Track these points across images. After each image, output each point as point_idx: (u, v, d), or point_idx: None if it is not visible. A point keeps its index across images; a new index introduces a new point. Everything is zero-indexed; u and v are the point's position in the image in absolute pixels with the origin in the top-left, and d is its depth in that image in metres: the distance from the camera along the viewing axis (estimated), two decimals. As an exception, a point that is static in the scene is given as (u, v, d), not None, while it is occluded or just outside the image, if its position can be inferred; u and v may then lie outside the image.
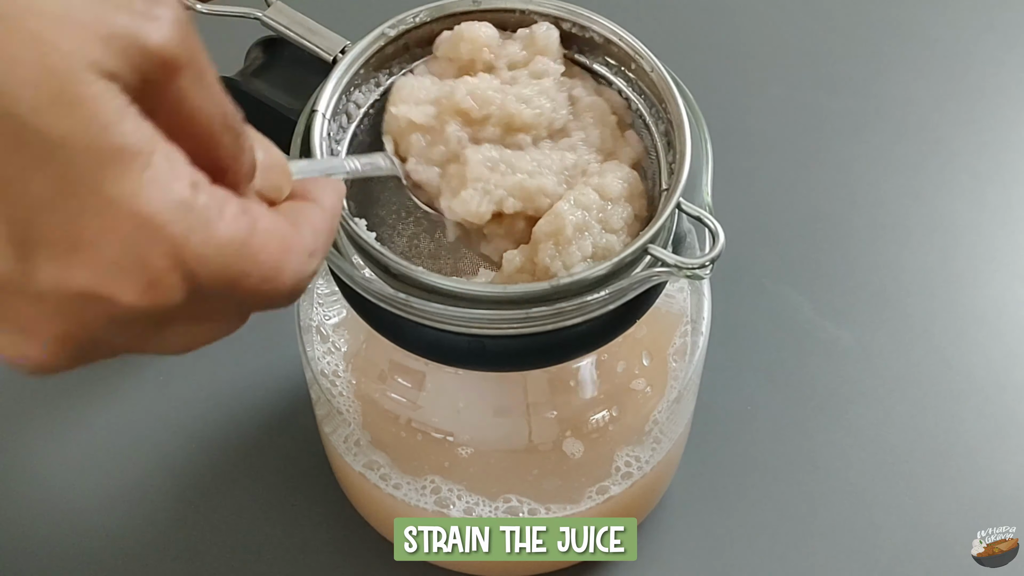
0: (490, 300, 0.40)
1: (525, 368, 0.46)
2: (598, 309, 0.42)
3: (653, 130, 0.46)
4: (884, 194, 0.72)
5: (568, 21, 0.47)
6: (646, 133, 0.46)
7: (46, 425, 0.61)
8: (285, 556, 0.57)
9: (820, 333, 0.65)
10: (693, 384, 0.52)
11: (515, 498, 0.50)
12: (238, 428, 0.61)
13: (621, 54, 0.46)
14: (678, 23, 0.81)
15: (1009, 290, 0.67)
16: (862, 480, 0.59)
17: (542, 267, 0.42)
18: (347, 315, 0.51)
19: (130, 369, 0.63)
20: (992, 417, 0.61)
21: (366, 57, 0.46)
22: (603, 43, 0.47)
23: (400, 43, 0.47)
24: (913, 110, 0.76)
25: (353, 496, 0.56)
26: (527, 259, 0.43)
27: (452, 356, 0.44)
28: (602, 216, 0.43)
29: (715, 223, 0.42)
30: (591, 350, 0.45)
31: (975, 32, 0.81)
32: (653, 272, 0.41)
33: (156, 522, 0.58)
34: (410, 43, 0.47)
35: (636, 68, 0.46)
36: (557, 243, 0.42)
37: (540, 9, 0.47)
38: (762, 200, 0.70)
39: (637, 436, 0.50)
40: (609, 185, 0.43)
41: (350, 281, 0.43)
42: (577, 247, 0.42)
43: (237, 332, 0.66)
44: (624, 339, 0.45)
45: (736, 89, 0.75)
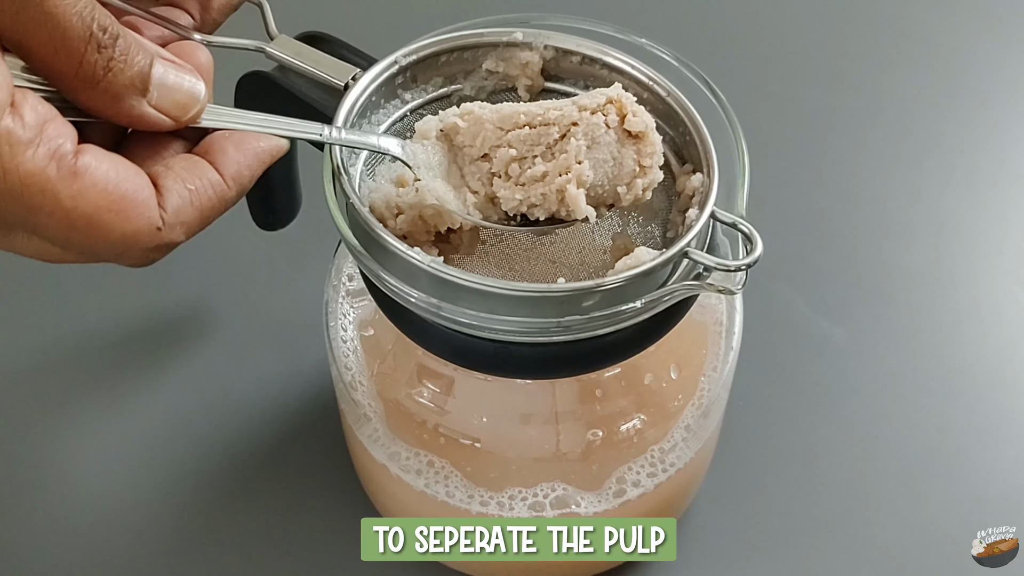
0: (529, 299, 0.41)
1: (554, 376, 0.46)
2: (631, 319, 0.42)
3: (663, 148, 0.46)
4: (880, 191, 0.72)
5: (577, 54, 0.48)
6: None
7: (70, 430, 0.61)
8: (307, 557, 0.57)
9: (814, 329, 0.65)
10: (722, 395, 0.52)
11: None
12: (262, 431, 0.61)
13: (631, 83, 0.47)
14: (677, 22, 0.81)
15: (1004, 287, 0.67)
16: (857, 478, 0.60)
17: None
18: (376, 316, 0.51)
19: (152, 373, 0.64)
20: (992, 416, 0.62)
21: (380, 82, 0.46)
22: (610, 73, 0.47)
23: (412, 72, 0.47)
24: (910, 108, 0.77)
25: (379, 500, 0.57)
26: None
27: (481, 362, 0.45)
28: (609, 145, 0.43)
29: (751, 228, 0.42)
30: (622, 359, 0.45)
31: (974, 31, 0.81)
32: (686, 284, 0.42)
33: (177, 525, 0.58)
34: (418, 73, 0.48)
35: (649, 96, 0.46)
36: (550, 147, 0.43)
37: (549, 42, 0.47)
38: (757, 196, 0.70)
39: (664, 445, 0.50)
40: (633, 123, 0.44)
41: (378, 282, 0.43)
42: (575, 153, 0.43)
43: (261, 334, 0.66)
44: (656, 347, 0.45)
45: (734, 86, 0.75)
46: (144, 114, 0.38)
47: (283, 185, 0.59)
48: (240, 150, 0.41)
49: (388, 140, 0.45)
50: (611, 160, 0.44)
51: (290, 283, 0.67)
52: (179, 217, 0.38)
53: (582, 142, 0.43)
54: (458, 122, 0.44)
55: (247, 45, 0.47)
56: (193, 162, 0.40)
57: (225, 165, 0.40)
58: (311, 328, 0.59)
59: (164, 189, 0.38)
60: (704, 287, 0.42)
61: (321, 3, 0.81)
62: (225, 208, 0.40)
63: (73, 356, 0.64)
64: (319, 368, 0.63)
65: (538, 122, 0.43)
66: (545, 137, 0.43)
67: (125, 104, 0.37)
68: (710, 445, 0.55)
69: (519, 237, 0.47)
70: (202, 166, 0.40)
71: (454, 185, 0.45)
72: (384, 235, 0.42)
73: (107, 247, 0.37)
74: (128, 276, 0.67)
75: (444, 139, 0.45)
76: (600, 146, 0.43)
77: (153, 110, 0.38)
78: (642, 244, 0.45)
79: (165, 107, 0.38)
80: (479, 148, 0.44)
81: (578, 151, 0.43)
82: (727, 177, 0.44)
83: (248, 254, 0.68)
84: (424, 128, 0.45)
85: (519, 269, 0.46)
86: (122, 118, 0.38)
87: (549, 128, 0.43)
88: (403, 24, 0.80)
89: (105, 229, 0.36)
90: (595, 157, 0.43)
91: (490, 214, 0.45)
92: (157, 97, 0.38)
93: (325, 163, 0.44)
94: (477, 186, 0.44)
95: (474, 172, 0.44)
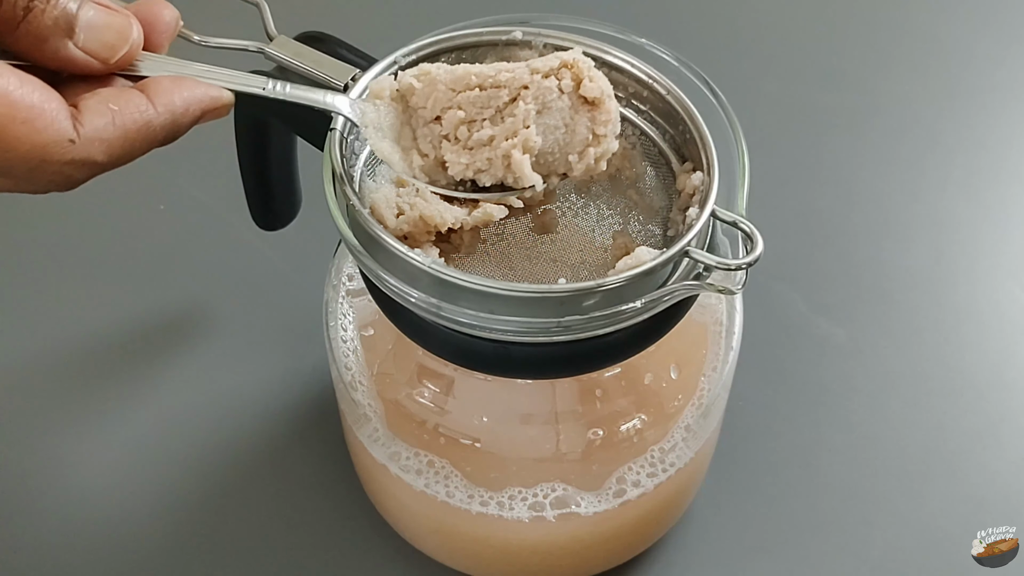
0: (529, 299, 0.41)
1: (554, 376, 0.46)
2: (631, 319, 0.42)
3: (663, 146, 0.46)
4: (879, 190, 0.72)
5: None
6: (652, 149, 0.47)
7: (70, 430, 0.62)
8: (308, 558, 0.57)
9: (813, 329, 0.65)
10: (722, 395, 0.52)
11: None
12: (262, 431, 0.61)
13: (632, 81, 0.47)
14: (677, 22, 0.81)
15: (1004, 287, 0.67)
16: (857, 478, 0.60)
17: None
18: (376, 316, 0.51)
19: (152, 372, 0.64)
20: (992, 416, 0.62)
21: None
22: (610, 71, 0.47)
23: None
24: (910, 107, 0.77)
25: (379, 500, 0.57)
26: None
27: (481, 362, 0.45)
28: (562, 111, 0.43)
29: (751, 227, 0.42)
30: (622, 359, 0.45)
31: (974, 31, 0.81)
32: (686, 284, 0.42)
33: (177, 525, 0.58)
34: None
35: (649, 95, 0.46)
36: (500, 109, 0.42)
37: (549, 40, 0.47)
38: (757, 196, 0.70)
39: (664, 445, 0.50)
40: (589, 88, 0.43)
41: (378, 282, 0.43)
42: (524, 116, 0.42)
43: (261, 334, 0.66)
44: (656, 347, 0.45)
45: (734, 86, 0.75)
46: (71, 56, 0.39)
47: (283, 185, 0.59)
48: (177, 84, 0.41)
49: (336, 97, 0.44)
50: (563, 127, 0.43)
51: (290, 283, 0.67)
52: (98, 133, 0.38)
53: (531, 106, 0.42)
54: (413, 82, 0.43)
55: (246, 46, 0.47)
56: (122, 90, 0.40)
57: (157, 94, 0.40)
58: (311, 328, 0.59)
59: (84, 107, 0.38)
60: (704, 287, 0.42)
61: (321, 3, 0.81)
62: (151, 134, 0.40)
63: (72, 356, 0.64)
64: (319, 368, 0.63)
65: (489, 84, 0.43)
66: (495, 100, 0.42)
67: (50, 45, 0.38)
68: (710, 445, 0.55)
69: (519, 237, 0.47)
70: (131, 92, 0.40)
71: (404, 148, 0.44)
72: (384, 236, 0.42)
73: (19, 160, 0.37)
74: (128, 276, 0.67)
75: (400, 100, 0.44)
76: (552, 112, 0.43)
77: (80, 51, 0.39)
78: (642, 243, 0.45)
79: (92, 48, 0.39)
80: (431, 110, 0.43)
81: (527, 115, 0.42)
82: (727, 177, 0.44)
83: (248, 254, 0.68)
84: (377, 88, 0.44)
85: (519, 269, 0.46)
86: (48, 60, 0.39)
87: (499, 91, 0.42)
88: (403, 24, 0.80)
89: (13, 139, 0.36)
90: (545, 123, 0.43)
91: (438, 179, 0.44)
92: (84, 39, 0.39)
93: (325, 163, 0.44)
94: (428, 149, 0.44)
95: (426, 135, 0.44)
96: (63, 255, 0.69)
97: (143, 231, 0.70)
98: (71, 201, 0.70)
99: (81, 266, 0.68)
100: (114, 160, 0.39)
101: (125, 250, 0.69)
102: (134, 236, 0.70)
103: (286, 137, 0.56)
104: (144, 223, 0.70)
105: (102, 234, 0.70)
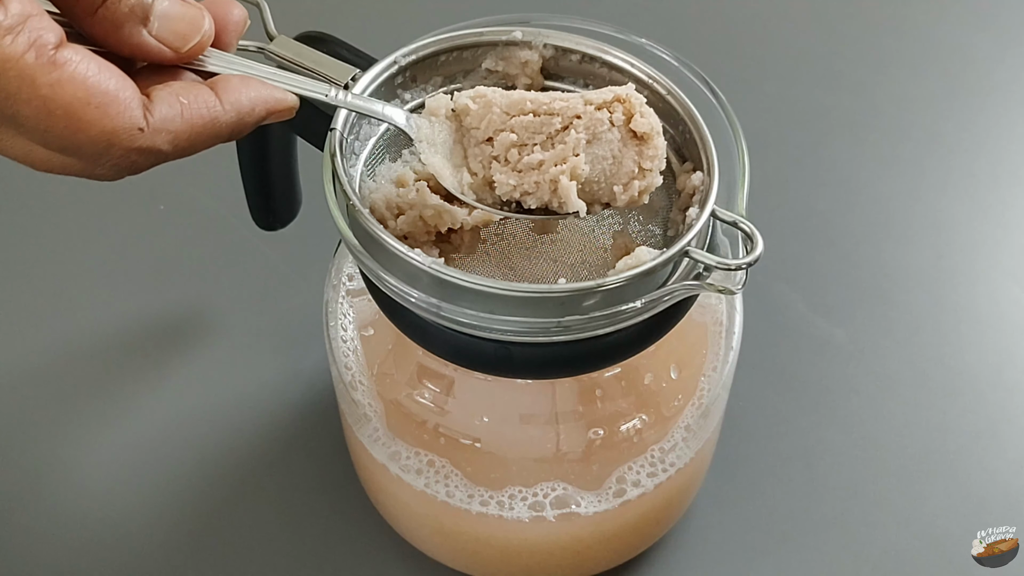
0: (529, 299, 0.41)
1: (554, 376, 0.46)
2: (631, 319, 0.42)
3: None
4: (879, 191, 0.72)
5: (576, 52, 0.48)
6: None
7: (70, 431, 0.62)
8: (308, 558, 0.57)
9: (813, 330, 0.65)
10: (722, 395, 0.52)
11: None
12: (262, 432, 0.61)
13: (632, 81, 0.47)
14: (677, 22, 0.81)
15: (1004, 288, 0.67)
16: (857, 478, 0.60)
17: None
18: (376, 316, 0.51)
19: (152, 372, 0.64)
20: (992, 417, 0.62)
21: (380, 82, 0.46)
22: (610, 72, 0.47)
23: (412, 72, 0.47)
24: (909, 108, 0.77)
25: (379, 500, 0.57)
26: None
27: (481, 362, 0.45)
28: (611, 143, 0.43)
29: (751, 227, 0.42)
30: (622, 359, 0.45)
31: (974, 31, 0.81)
32: (686, 284, 0.42)
33: (177, 525, 0.58)
34: (418, 73, 0.48)
35: (649, 95, 0.46)
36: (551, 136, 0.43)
37: (548, 40, 0.47)
38: (757, 196, 0.70)
39: (664, 445, 0.50)
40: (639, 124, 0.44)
41: (378, 282, 0.43)
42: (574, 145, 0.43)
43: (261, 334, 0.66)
44: (656, 347, 0.45)
45: (734, 86, 0.75)
46: (143, 43, 0.39)
47: (283, 185, 0.59)
48: (245, 83, 0.41)
49: (394, 110, 0.45)
50: (610, 158, 0.44)
51: (290, 283, 0.67)
52: (166, 124, 0.39)
53: (582, 135, 0.43)
54: (469, 103, 0.44)
55: (247, 46, 0.47)
56: (192, 84, 0.40)
57: (226, 91, 0.41)
58: (311, 328, 0.59)
59: (155, 98, 0.39)
60: (704, 287, 0.42)
61: (321, 3, 0.81)
62: (217, 130, 0.41)
63: (73, 357, 0.64)
64: (319, 368, 0.63)
65: (543, 111, 0.43)
66: (547, 126, 0.43)
67: (125, 31, 0.39)
68: (710, 445, 0.55)
69: (519, 237, 0.47)
70: (200, 87, 0.40)
71: (455, 164, 0.45)
72: (384, 236, 0.42)
73: (88, 142, 0.37)
74: (128, 276, 0.67)
75: (454, 119, 0.45)
76: (601, 143, 0.43)
77: (153, 39, 0.39)
78: (642, 243, 0.45)
79: (165, 37, 0.40)
80: (484, 131, 0.44)
81: (576, 144, 0.43)
82: (727, 177, 0.44)
83: (248, 254, 0.68)
84: (434, 105, 0.45)
85: (519, 269, 0.46)
86: (123, 47, 0.39)
87: (552, 118, 0.43)
88: (403, 24, 0.80)
89: (84, 122, 0.37)
90: (594, 153, 0.43)
91: (485, 197, 0.45)
92: (158, 27, 0.39)
93: (325, 163, 0.44)
94: (477, 168, 0.44)
95: (477, 154, 0.44)
96: (63, 255, 0.69)
97: (143, 231, 0.70)
98: (71, 201, 0.71)
99: (81, 266, 0.68)
100: (178, 151, 0.40)
101: (125, 250, 0.69)
102: (134, 236, 0.70)
103: (286, 137, 0.56)
104: (144, 223, 0.70)
105: (102, 234, 0.70)
